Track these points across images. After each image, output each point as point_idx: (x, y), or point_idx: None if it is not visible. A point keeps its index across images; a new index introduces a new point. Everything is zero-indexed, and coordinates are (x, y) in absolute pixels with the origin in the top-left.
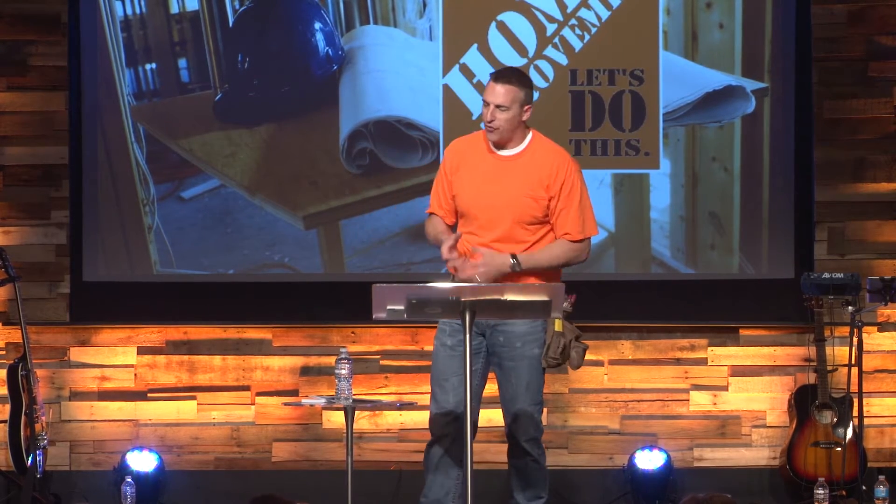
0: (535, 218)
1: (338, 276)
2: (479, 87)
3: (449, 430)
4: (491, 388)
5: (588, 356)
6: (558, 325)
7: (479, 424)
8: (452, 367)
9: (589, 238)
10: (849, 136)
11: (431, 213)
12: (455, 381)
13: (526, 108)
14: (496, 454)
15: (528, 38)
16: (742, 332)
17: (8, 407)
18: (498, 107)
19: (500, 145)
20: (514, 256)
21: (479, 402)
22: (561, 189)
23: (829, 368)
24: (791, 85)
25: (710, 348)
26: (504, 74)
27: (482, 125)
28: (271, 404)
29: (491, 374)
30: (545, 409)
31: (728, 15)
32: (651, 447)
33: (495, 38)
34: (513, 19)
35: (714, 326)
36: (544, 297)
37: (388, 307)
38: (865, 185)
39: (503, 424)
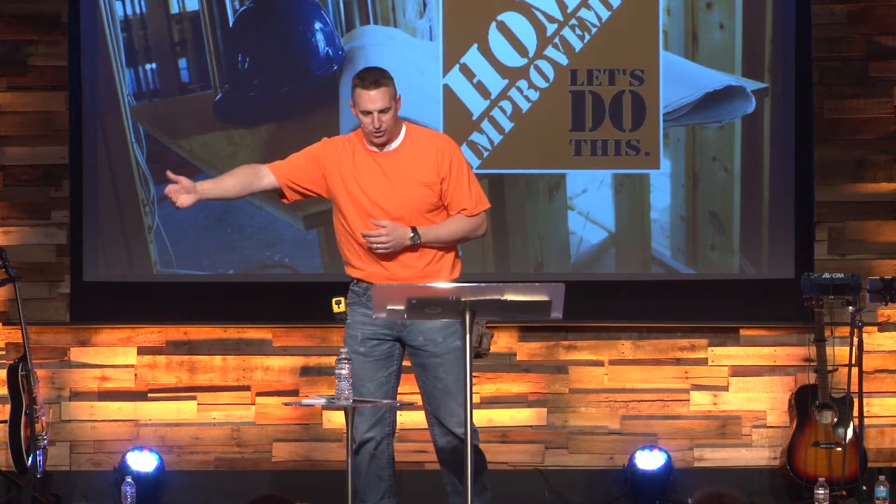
0: (432, 205)
1: (338, 276)
2: (480, 87)
3: (372, 433)
4: (492, 389)
5: (588, 356)
6: None
7: (480, 425)
8: (367, 373)
9: (484, 212)
10: (849, 136)
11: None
12: (371, 386)
13: (398, 99)
14: (495, 454)
15: (529, 38)
16: (742, 332)
17: (8, 407)
18: (381, 111)
19: (382, 146)
20: (413, 229)
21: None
22: (450, 170)
23: (830, 368)
24: (791, 85)
25: (710, 348)
26: (374, 79)
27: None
28: (271, 404)
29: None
30: (545, 409)
31: (728, 15)
32: (651, 447)
33: (495, 39)
34: (513, 19)
35: (714, 326)
36: (544, 297)
37: (389, 307)
38: (865, 185)
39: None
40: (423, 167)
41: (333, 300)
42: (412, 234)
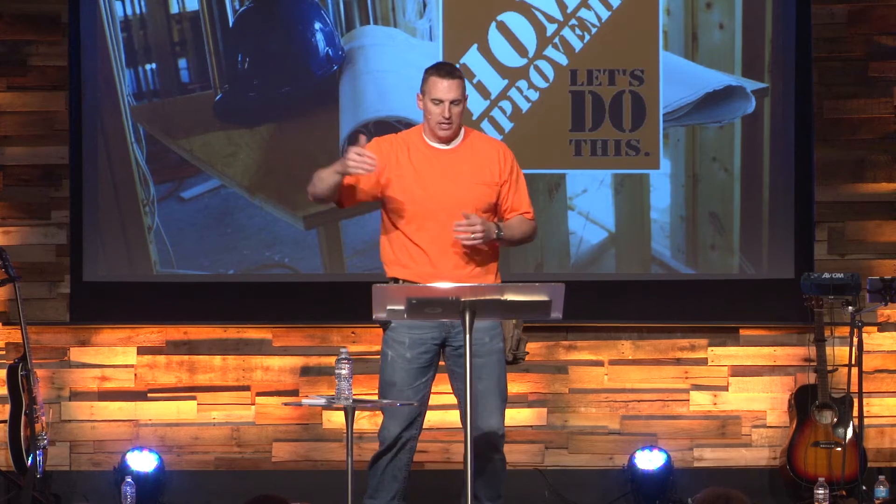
0: (490, 205)
1: (338, 277)
2: (480, 87)
3: (404, 434)
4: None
5: (588, 356)
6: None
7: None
8: (409, 379)
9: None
10: (849, 136)
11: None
12: (410, 392)
13: (466, 98)
14: None
15: (528, 38)
16: (742, 332)
17: (8, 407)
18: (453, 102)
19: (446, 140)
20: (497, 224)
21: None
22: (510, 173)
23: (830, 368)
24: (791, 85)
25: (710, 348)
26: (450, 70)
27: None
28: (271, 404)
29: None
30: (545, 409)
31: (728, 15)
32: (651, 447)
33: (495, 39)
34: (513, 19)
35: (714, 326)
36: (544, 297)
37: (389, 307)
38: (865, 185)
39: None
40: (485, 168)
41: None
42: (497, 230)
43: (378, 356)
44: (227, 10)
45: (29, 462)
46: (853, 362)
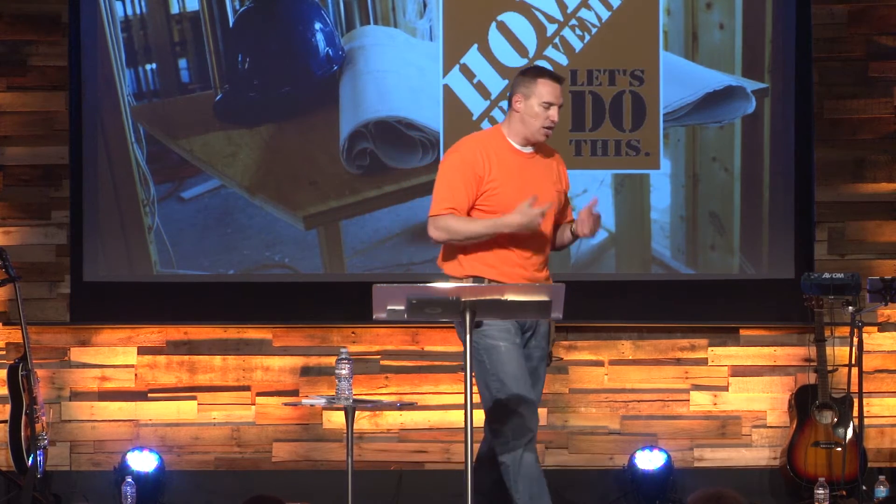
0: (559, 208)
1: (338, 277)
2: (480, 87)
3: (534, 426)
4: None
5: (588, 356)
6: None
7: (480, 425)
8: (524, 369)
9: None
10: (849, 137)
11: (451, 212)
12: (529, 382)
13: None
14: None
15: (529, 38)
16: (742, 332)
17: (8, 407)
18: (560, 106)
19: (538, 144)
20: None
21: None
22: (566, 183)
23: (830, 368)
24: (791, 85)
25: (710, 348)
26: (556, 75)
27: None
28: (271, 404)
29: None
30: (545, 409)
31: (728, 15)
32: (651, 447)
33: (495, 39)
34: (513, 19)
35: (714, 326)
36: (545, 297)
37: (389, 307)
38: (865, 185)
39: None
40: (556, 173)
41: None
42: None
43: (378, 356)
44: (227, 11)
45: (29, 462)
46: (853, 362)
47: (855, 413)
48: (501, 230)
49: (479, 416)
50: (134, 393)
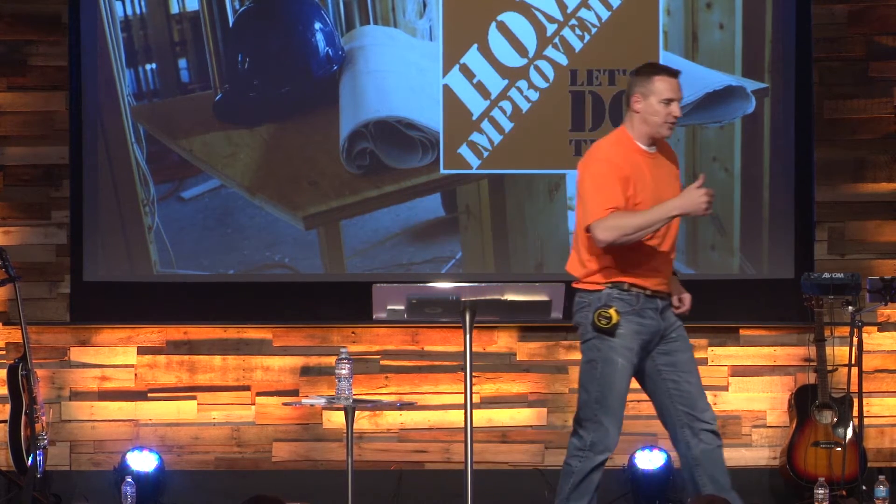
0: None
1: (338, 277)
2: (480, 87)
3: (613, 446)
4: (492, 389)
5: None
6: None
7: (480, 425)
8: (627, 385)
9: None
10: (849, 137)
11: (614, 210)
12: (623, 398)
13: None
14: (495, 454)
15: (529, 38)
16: (742, 332)
17: (8, 407)
18: (679, 101)
19: (662, 140)
20: None
21: None
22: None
23: (830, 368)
24: (791, 85)
25: (710, 348)
26: (672, 69)
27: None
28: (271, 404)
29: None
30: (545, 409)
31: (728, 15)
32: (651, 447)
33: (495, 39)
34: (513, 19)
35: (714, 326)
36: (545, 297)
37: (389, 307)
38: (865, 185)
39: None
40: (675, 173)
41: (602, 312)
42: None
43: (378, 356)
44: (227, 10)
45: (29, 462)
46: (853, 362)
47: (855, 413)
48: (671, 214)
49: (479, 416)
50: (134, 393)
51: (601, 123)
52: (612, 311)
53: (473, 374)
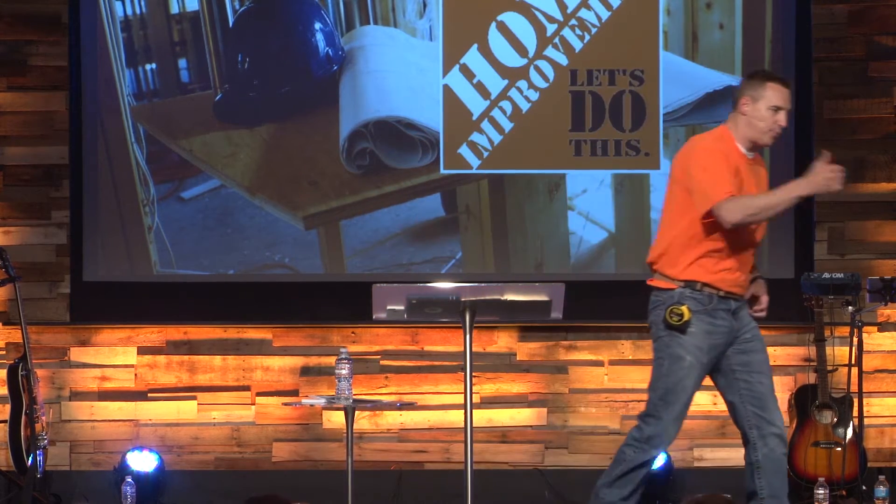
0: None
1: (338, 277)
2: (480, 87)
3: (671, 441)
4: (492, 389)
5: (588, 356)
6: None
7: (480, 425)
8: (697, 385)
9: None
10: (849, 137)
11: (732, 194)
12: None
13: None
14: (495, 454)
15: (529, 38)
16: None
17: (8, 407)
18: (787, 111)
19: (755, 148)
20: None
21: None
22: None
23: (830, 368)
24: (791, 85)
25: None
26: (785, 79)
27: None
28: (271, 404)
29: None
30: (545, 409)
31: (728, 15)
32: None
33: (495, 39)
34: (513, 19)
35: None
36: (545, 297)
37: (389, 307)
38: (865, 186)
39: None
40: (764, 187)
41: (675, 309)
42: None
43: (378, 356)
44: (227, 11)
45: (29, 462)
46: (853, 362)
47: (855, 413)
48: (798, 193)
49: (479, 416)
50: (134, 393)
51: (601, 123)
52: (683, 309)
53: (473, 374)
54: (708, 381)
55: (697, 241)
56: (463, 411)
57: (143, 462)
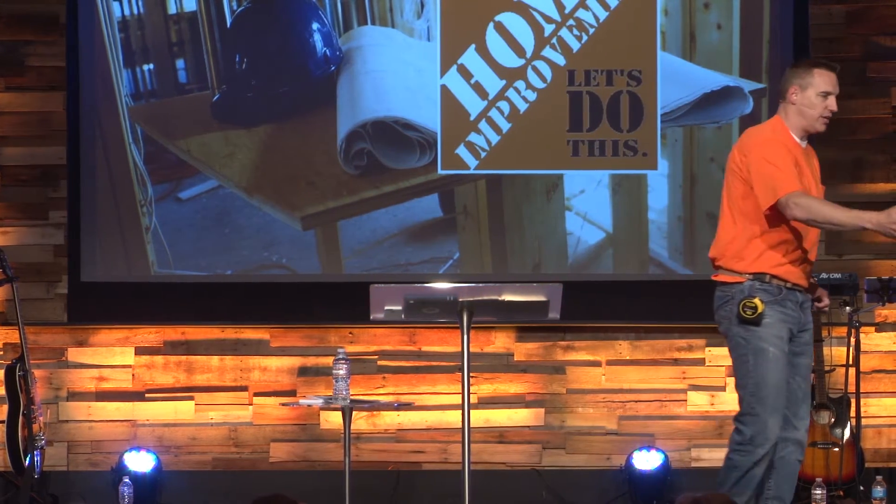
0: None
1: (336, 277)
2: (477, 88)
3: (775, 436)
4: (489, 389)
5: (586, 356)
6: None
7: (477, 425)
8: (787, 371)
9: None
10: (847, 137)
11: (800, 192)
12: (786, 385)
13: None
14: (492, 454)
15: (526, 38)
16: None
17: (6, 407)
18: (836, 96)
19: (807, 136)
20: None
21: None
22: None
23: (827, 369)
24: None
25: (707, 348)
26: (832, 64)
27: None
28: (269, 405)
29: None
30: (543, 410)
31: (726, 15)
32: (648, 447)
33: (493, 39)
34: (511, 20)
35: (712, 327)
36: (542, 298)
37: (386, 307)
38: (864, 186)
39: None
40: (818, 175)
41: (747, 302)
42: None
43: (375, 357)
44: (224, 11)
45: (27, 462)
46: (850, 362)
47: (852, 413)
48: (863, 225)
49: (476, 417)
50: (131, 393)
51: (599, 124)
52: (756, 301)
53: (471, 374)
54: (706, 382)
55: (763, 234)
56: (460, 412)
57: (140, 462)
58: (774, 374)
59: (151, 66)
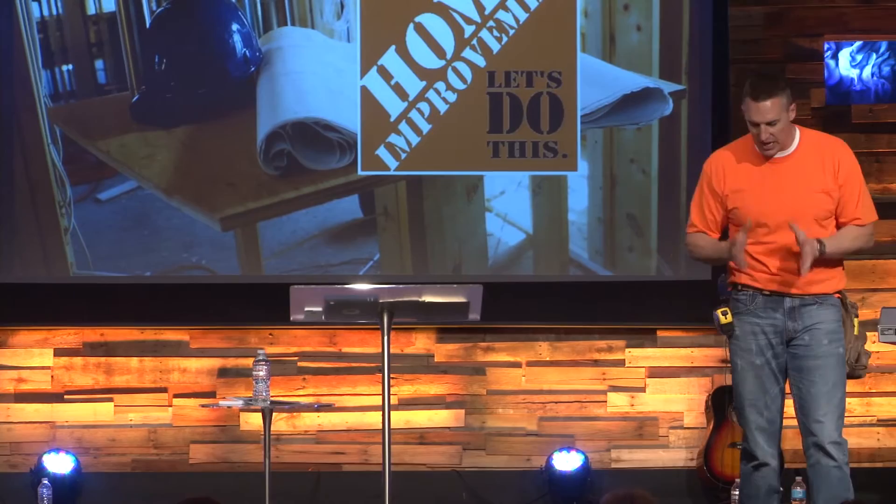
0: (829, 212)
1: (256, 278)
2: (398, 89)
3: (760, 453)
4: (409, 390)
5: (506, 357)
6: (857, 328)
7: (398, 426)
8: (765, 386)
9: (872, 223)
10: None
11: (695, 231)
12: (767, 399)
13: (791, 108)
14: (413, 455)
15: (446, 39)
16: (659, 333)
17: None
18: (769, 123)
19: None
20: (820, 241)
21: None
22: (847, 177)
23: None
24: (708, 87)
25: (627, 350)
26: (763, 89)
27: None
28: (188, 406)
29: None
30: (463, 411)
31: (645, 17)
32: (569, 448)
33: (413, 40)
34: (431, 21)
35: (631, 328)
36: (462, 299)
37: (306, 309)
38: None
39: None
40: (823, 173)
41: (719, 311)
42: (819, 246)
43: (295, 358)
44: (144, 12)
45: None
46: None
47: None
48: (723, 255)
49: (397, 418)
50: (50, 395)
51: (519, 125)
52: (718, 312)
53: (391, 375)
54: (626, 383)
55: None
56: (381, 413)
57: (59, 464)
58: (743, 387)
59: (70, 66)
